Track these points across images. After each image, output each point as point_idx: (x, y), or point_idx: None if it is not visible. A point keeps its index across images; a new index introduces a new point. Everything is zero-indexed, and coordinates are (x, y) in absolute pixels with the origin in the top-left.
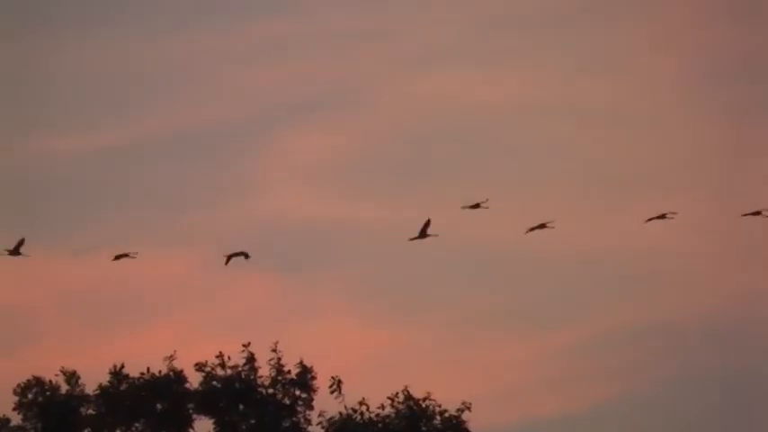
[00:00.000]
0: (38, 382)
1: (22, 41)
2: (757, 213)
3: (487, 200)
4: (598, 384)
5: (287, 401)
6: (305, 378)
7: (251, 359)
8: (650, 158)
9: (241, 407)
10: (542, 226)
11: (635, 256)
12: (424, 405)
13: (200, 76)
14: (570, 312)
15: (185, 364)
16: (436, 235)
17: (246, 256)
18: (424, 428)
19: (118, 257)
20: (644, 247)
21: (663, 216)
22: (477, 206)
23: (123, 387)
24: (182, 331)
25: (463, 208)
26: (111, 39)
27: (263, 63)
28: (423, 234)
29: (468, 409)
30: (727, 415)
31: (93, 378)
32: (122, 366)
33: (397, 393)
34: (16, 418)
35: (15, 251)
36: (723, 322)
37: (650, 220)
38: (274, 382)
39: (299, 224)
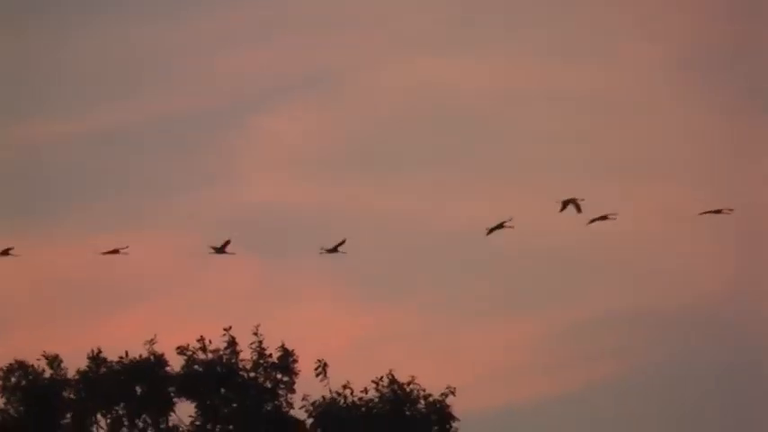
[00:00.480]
0: (21, 366)
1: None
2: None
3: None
4: (582, 369)
5: (268, 385)
6: (286, 361)
7: (232, 343)
8: (633, 145)
9: (222, 390)
10: (501, 225)
11: (620, 242)
12: (408, 389)
13: (176, 62)
14: (554, 298)
15: (166, 348)
16: (511, 226)
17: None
18: (407, 413)
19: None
20: (630, 233)
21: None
22: (501, 226)
23: (102, 371)
24: (163, 315)
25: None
26: (90, 27)
27: (240, 48)
28: (498, 227)
29: (453, 393)
30: (713, 400)
31: (75, 362)
32: (99, 351)
33: (382, 377)
34: None
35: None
36: (709, 309)
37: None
38: (256, 365)
39: (276, 209)
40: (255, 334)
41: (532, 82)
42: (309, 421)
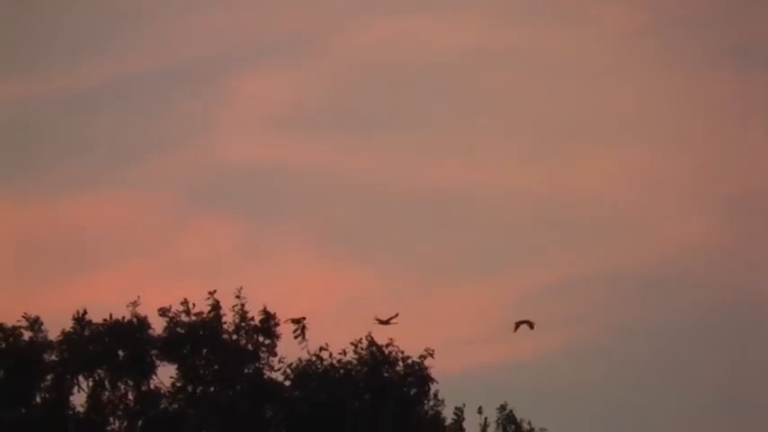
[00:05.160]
0: (0, 328)
1: None
2: (525, 322)
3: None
4: (557, 331)
5: (250, 348)
6: (268, 324)
7: (216, 306)
8: (602, 109)
9: (204, 352)
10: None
11: (588, 205)
12: (386, 351)
13: (155, 19)
14: (526, 259)
15: (149, 310)
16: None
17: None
18: (386, 375)
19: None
20: (596, 196)
21: (528, 323)
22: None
23: (86, 333)
24: (143, 276)
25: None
26: None
27: (218, 7)
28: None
29: (431, 355)
30: (677, 363)
31: (55, 324)
32: (85, 312)
33: (361, 339)
34: None
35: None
36: (672, 272)
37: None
38: (238, 328)
39: (256, 169)
40: (238, 297)
41: (503, 42)
42: (287, 383)
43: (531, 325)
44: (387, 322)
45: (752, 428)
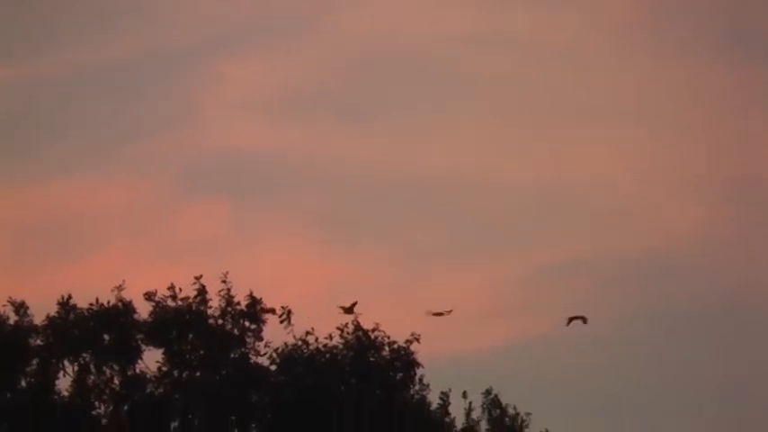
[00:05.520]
0: None
1: None
2: (579, 318)
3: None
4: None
5: (236, 333)
6: (254, 309)
7: (202, 291)
8: (597, 96)
9: (190, 337)
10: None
11: (582, 192)
12: (372, 336)
13: (146, 4)
14: (518, 243)
15: (134, 294)
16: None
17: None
18: (372, 359)
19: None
20: (592, 183)
21: (582, 319)
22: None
23: (71, 318)
24: (130, 261)
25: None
26: None
27: None
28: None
29: (417, 340)
30: (673, 350)
31: (41, 309)
32: (70, 297)
33: (347, 324)
34: None
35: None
36: (669, 259)
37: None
38: (224, 313)
39: (243, 154)
40: (224, 281)
41: (495, 28)
42: (273, 368)
43: (584, 320)
44: (440, 314)
45: (749, 418)
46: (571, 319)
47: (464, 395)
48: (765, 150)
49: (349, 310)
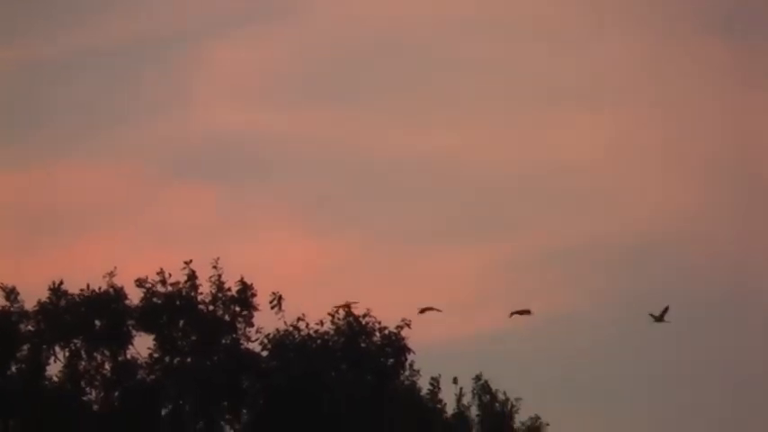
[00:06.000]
0: None
1: None
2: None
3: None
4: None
5: (227, 318)
6: (245, 295)
7: (192, 276)
8: (577, 74)
9: (181, 323)
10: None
11: (565, 174)
12: (363, 322)
13: None
14: (506, 228)
15: (125, 280)
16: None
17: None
18: (363, 345)
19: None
20: (573, 164)
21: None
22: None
23: (62, 303)
24: (121, 247)
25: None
26: None
27: None
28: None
29: (408, 326)
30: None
31: (32, 294)
32: (61, 282)
33: (338, 310)
34: None
35: (660, 318)
36: (651, 239)
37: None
38: (215, 299)
39: (234, 138)
40: (215, 267)
41: (482, 11)
42: (264, 354)
43: (528, 312)
44: (524, 313)
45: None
46: (514, 314)
47: (454, 381)
48: (743, 127)
49: (524, 313)
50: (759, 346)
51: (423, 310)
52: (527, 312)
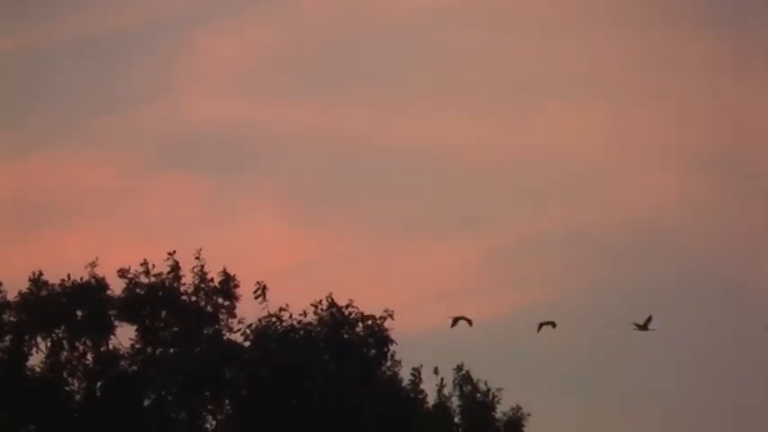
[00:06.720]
0: None
1: None
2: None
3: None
4: (521, 291)
5: (209, 309)
6: (227, 286)
7: (175, 267)
8: (564, 65)
9: (163, 314)
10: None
11: (554, 163)
12: (346, 312)
13: None
14: (490, 219)
15: (108, 271)
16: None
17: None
18: (345, 335)
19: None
20: (562, 155)
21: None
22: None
23: (43, 294)
24: (104, 237)
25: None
26: None
27: None
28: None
29: (391, 316)
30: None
31: (12, 285)
32: (41, 273)
33: (321, 300)
34: None
35: (644, 327)
36: (641, 229)
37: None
38: (197, 289)
39: (217, 128)
40: (197, 258)
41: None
42: (247, 345)
43: (553, 325)
44: (645, 328)
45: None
46: (541, 325)
47: (435, 371)
48: (737, 119)
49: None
50: (755, 340)
51: (455, 321)
52: (552, 324)
